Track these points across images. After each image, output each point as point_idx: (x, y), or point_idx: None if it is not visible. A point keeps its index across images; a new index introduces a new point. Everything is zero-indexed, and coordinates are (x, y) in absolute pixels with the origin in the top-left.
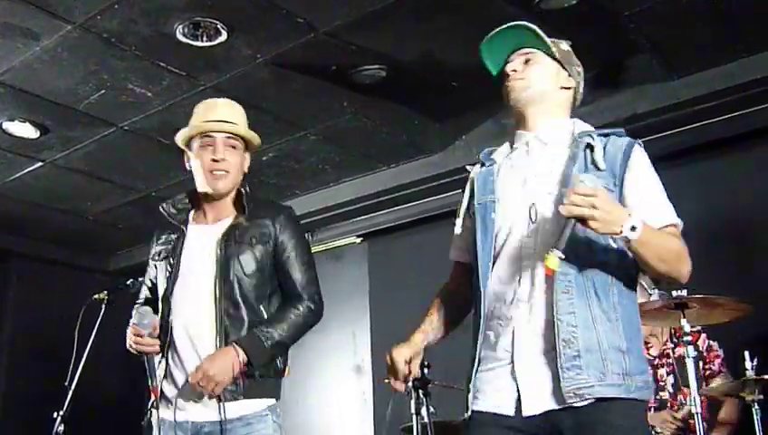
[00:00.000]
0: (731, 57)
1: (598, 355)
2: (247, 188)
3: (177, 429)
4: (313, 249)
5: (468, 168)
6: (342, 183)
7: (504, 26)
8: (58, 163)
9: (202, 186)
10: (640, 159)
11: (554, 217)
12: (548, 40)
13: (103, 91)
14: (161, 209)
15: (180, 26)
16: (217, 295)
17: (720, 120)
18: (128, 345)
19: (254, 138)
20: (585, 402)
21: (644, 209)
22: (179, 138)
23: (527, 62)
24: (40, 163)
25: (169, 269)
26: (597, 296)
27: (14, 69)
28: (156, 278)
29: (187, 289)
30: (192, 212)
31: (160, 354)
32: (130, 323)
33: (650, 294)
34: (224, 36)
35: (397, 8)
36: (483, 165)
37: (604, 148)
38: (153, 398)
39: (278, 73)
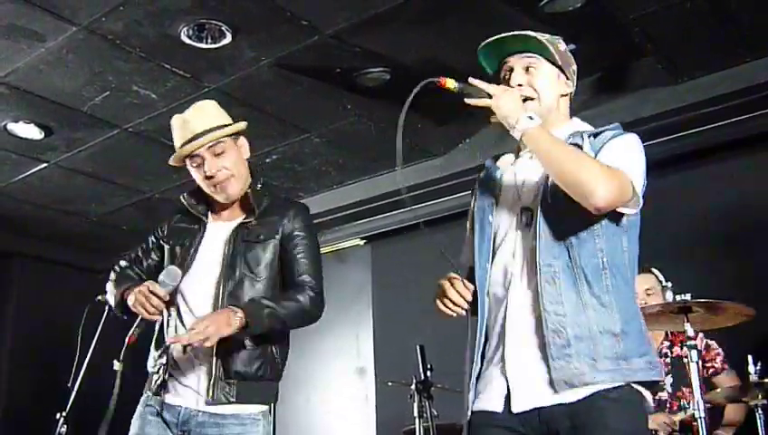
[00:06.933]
0: (735, 61)
1: (589, 342)
2: (259, 185)
3: (168, 411)
4: None
5: (476, 176)
6: (346, 185)
7: (506, 34)
8: (62, 164)
9: (213, 196)
10: (620, 140)
11: (552, 220)
12: (549, 45)
13: (108, 93)
14: (182, 199)
15: (185, 28)
16: (220, 296)
17: (724, 124)
18: (132, 303)
19: (235, 127)
20: (579, 397)
21: (603, 156)
22: (172, 162)
23: (527, 69)
24: (44, 164)
25: (183, 257)
26: (587, 282)
27: (18, 70)
28: (154, 258)
29: (198, 283)
30: (210, 208)
31: (161, 339)
32: (154, 282)
33: (665, 287)
34: (228, 38)
35: (401, 11)
36: (488, 170)
37: (592, 143)
38: (151, 381)
39: (282, 76)
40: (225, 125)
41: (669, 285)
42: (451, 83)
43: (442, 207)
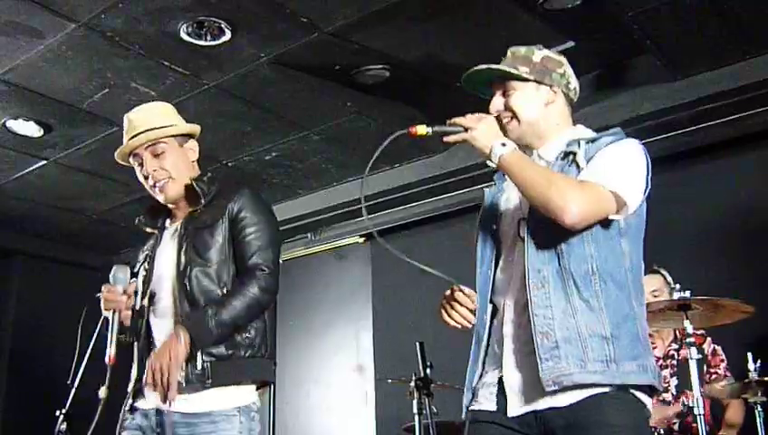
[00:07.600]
0: (734, 58)
1: (577, 344)
2: (206, 177)
3: (143, 416)
4: (316, 249)
5: (485, 189)
6: (345, 183)
7: (467, 73)
8: (61, 162)
9: (156, 197)
10: (614, 147)
11: (542, 227)
12: (515, 65)
13: (107, 90)
14: (137, 222)
15: (184, 25)
16: (176, 289)
17: (723, 122)
18: (103, 309)
19: (178, 129)
20: (574, 400)
21: (587, 170)
22: (118, 160)
23: (505, 92)
24: (43, 162)
25: (146, 272)
26: (576, 287)
27: (18, 67)
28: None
29: (159, 287)
30: (169, 213)
31: (137, 351)
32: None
33: (673, 288)
34: (227, 35)
35: (400, 8)
36: (495, 181)
37: (587, 150)
38: (130, 390)
39: (281, 73)
40: (169, 126)
41: (678, 286)
42: (422, 129)
43: (441, 205)
